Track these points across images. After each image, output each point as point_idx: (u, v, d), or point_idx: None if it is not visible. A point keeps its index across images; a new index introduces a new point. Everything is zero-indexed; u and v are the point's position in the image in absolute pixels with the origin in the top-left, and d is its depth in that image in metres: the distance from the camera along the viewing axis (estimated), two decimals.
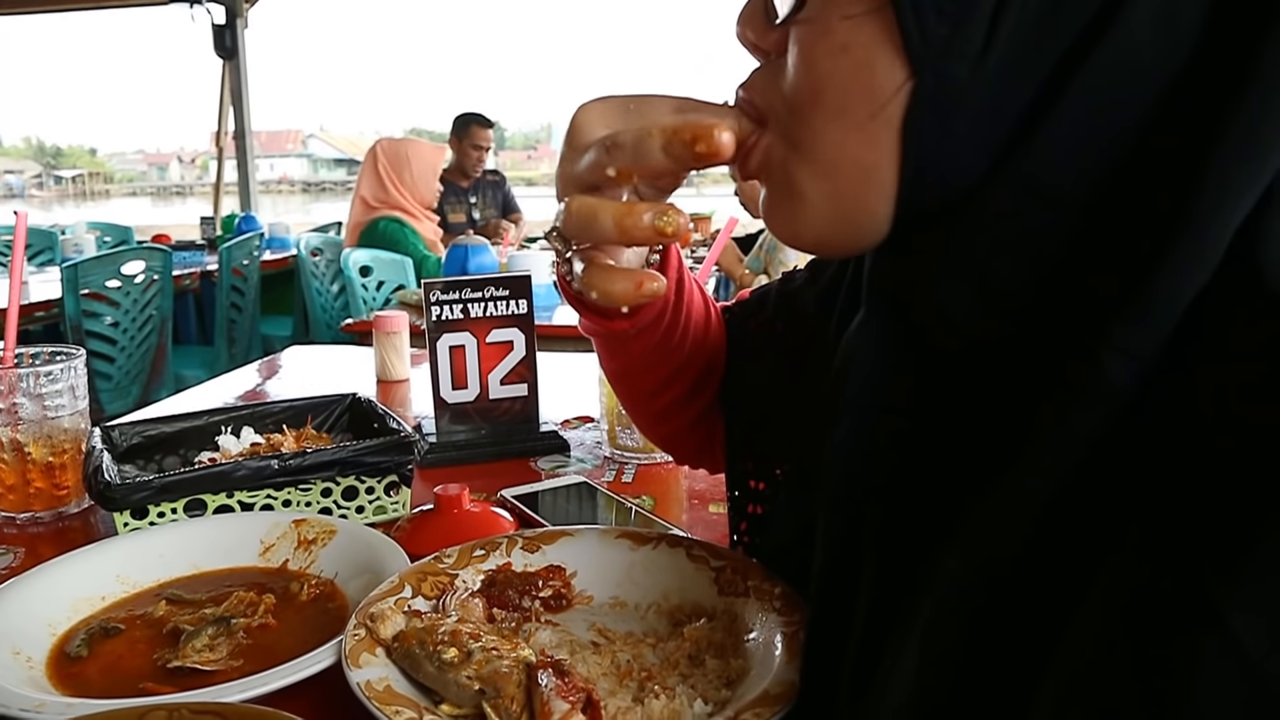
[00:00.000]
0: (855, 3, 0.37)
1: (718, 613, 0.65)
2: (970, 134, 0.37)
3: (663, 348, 0.65)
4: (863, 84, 0.38)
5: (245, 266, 3.92)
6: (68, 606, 0.68)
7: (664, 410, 0.72)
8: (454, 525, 0.79)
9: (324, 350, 1.79)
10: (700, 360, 0.68)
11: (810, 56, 0.39)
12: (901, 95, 0.37)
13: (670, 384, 0.69)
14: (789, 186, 0.43)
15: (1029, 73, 0.35)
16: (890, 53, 0.37)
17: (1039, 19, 0.35)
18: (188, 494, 0.79)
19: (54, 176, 70.04)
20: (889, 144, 0.38)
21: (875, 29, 0.37)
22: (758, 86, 0.44)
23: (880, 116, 0.38)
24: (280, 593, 0.70)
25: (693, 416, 0.72)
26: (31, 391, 0.91)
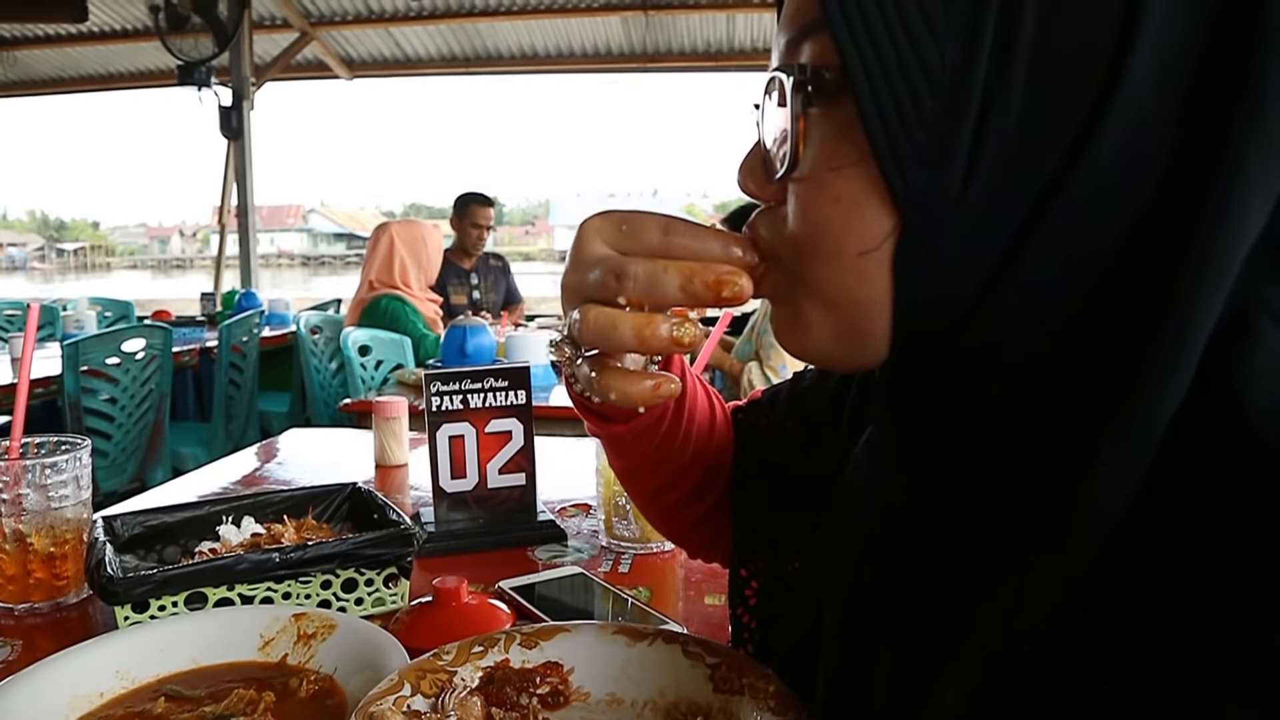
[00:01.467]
0: (841, 156, 0.40)
1: (713, 710, 0.65)
2: (956, 266, 0.40)
3: (665, 448, 0.67)
4: (855, 230, 0.41)
5: (245, 343, 3.94)
6: (65, 704, 0.68)
7: (671, 507, 0.74)
8: (452, 618, 0.80)
9: (322, 433, 1.80)
10: (705, 459, 0.70)
11: (807, 208, 0.43)
12: (891, 237, 0.40)
13: (675, 482, 0.71)
14: (795, 314, 0.46)
15: (1006, 207, 0.38)
16: (877, 200, 0.40)
17: (1012, 158, 0.37)
18: (189, 587, 0.80)
19: (56, 249, 70.68)
20: (882, 280, 0.41)
21: (863, 180, 0.40)
22: (763, 228, 0.47)
23: (872, 257, 0.40)
24: (279, 689, 0.70)
25: (701, 513, 0.74)
26: (36, 483, 0.92)
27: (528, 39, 6.68)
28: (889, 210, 0.39)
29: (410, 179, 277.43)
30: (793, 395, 0.70)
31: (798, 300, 0.45)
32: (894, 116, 0.38)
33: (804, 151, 0.42)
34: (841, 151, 0.40)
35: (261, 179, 7.12)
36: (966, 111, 0.37)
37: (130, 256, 71.64)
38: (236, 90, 6.12)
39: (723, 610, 0.91)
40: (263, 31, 6.47)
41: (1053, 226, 0.37)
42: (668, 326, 0.47)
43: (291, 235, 73.05)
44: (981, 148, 0.37)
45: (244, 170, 6.33)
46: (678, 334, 0.48)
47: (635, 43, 6.61)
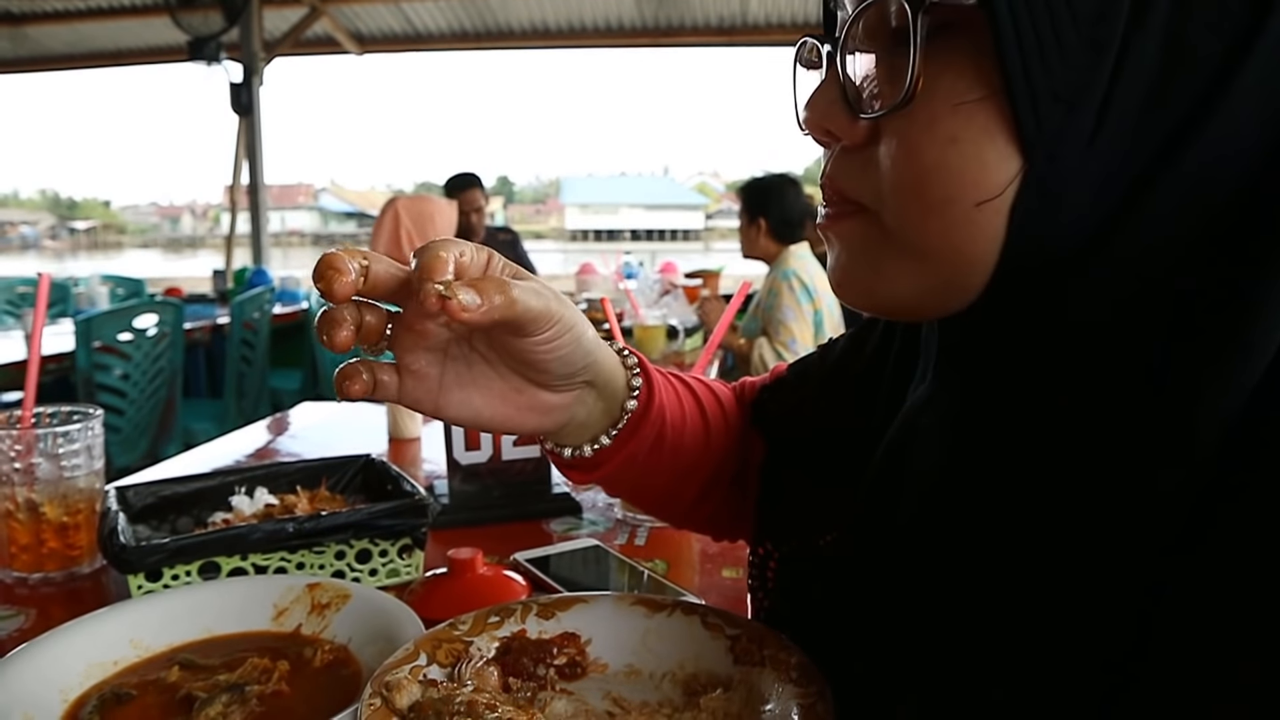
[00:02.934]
0: (965, 91, 0.37)
1: (733, 682, 0.64)
2: (1075, 215, 0.38)
3: (657, 473, 0.65)
4: (972, 174, 0.38)
5: (256, 320, 3.94)
6: (80, 671, 0.68)
7: (680, 514, 0.73)
8: (468, 589, 0.79)
9: (334, 407, 1.79)
10: (704, 467, 0.68)
11: (915, 149, 0.39)
12: (1014, 183, 0.37)
13: (680, 491, 0.69)
14: (875, 264, 0.43)
15: (1135, 152, 0.36)
16: (1003, 141, 0.37)
17: (1146, 100, 0.36)
18: (203, 557, 0.79)
19: (68, 228, 70.94)
20: (995, 229, 0.38)
21: (986, 118, 0.37)
22: (846, 179, 0.43)
23: (990, 206, 0.38)
24: (293, 658, 0.69)
25: (711, 509, 0.72)
26: (49, 451, 0.92)
27: (539, 13, 6.63)
28: (1014, 153, 0.37)
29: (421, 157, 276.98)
30: (823, 368, 0.68)
31: (881, 250, 0.42)
32: (1034, 48, 0.35)
33: (924, 83, 0.38)
34: (964, 85, 0.37)
35: (272, 157, 7.11)
36: (1109, 46, 0.35)
37: (141, 235, 71.85)
38: (246, 66, 6.10)
39: (740, 583, 0.90)
40: (272, 6, 6.43)
41: (1180, 173, 0.36)
42: None
43: (302, 214, 73.14)
44: (1117, 87, 0.35)
45: (254, 147, 6.32)
46: None
47: (647, 17, 6.55)
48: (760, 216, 3.02)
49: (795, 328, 2.87)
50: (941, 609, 0.45)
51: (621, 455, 0.61)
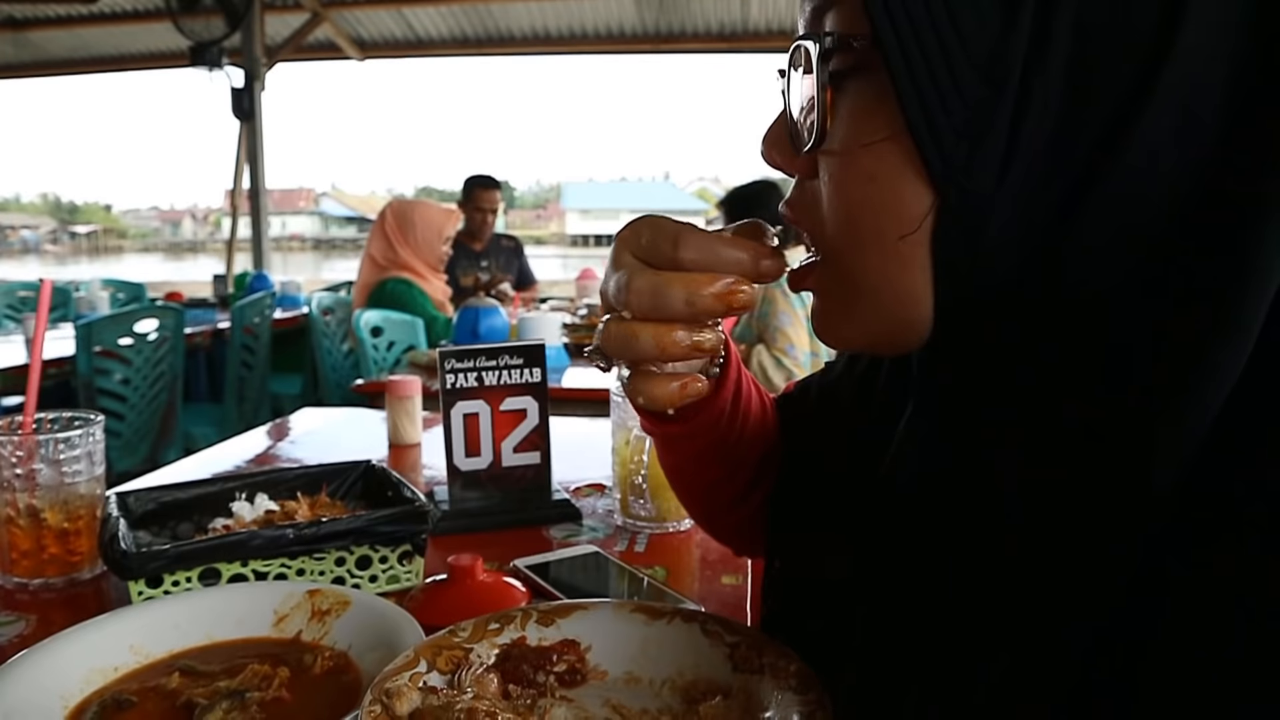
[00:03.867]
0: (873, 130, 0.38)
1: (733, 690, 0.64)
2: (1000, 242, 0.38)
3: (719, 448, 0.66)
4: (891, 210, 0.39)
5: (257, 325, 3.95)
6: (80, 677, 0.68)
7: (722, 505, 0.73)
8: (468, 596, 0.79)
9: (335, 413, 1.80)
10: (755, 456, 0.68)
11: (840, 186, 0.41)
12: (929, 215, 0.38)
13: (727, 481, 0.70)
14: (834, 302, 0.45)
15: (1052, 181, 0.36)
16: (914, 176, 0.38)
17: (1058, 127, 0.36)
18: (203, 563, 0.80)
19: (69, 232, 71.00)
20: (923, 262, 0.39)
21: (897, 155, 0.38)
22: (797, 208, 0.46)
23: (911, 239, 0.39)
24: (294, 665, 0.69)
25: (750, 510, 0.72)
26: (50, 458, 0.92)
27: (540, 19, 6.65)
28: (926, 188, 0.38)
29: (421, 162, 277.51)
30: (822, 388, 0.68)
31: (836, 290, 0.44)
32: (930, 88, 0.36)
33: (833, 125, 0.40)
34: (873, 125, 0.38)
35: (273, 162, 7.12)
36: (1008, 82, 0.35)
37: (142, 240, 71.93)
38: (248, 71, 6.11)
39: (740, 590, 0.90)
40: (274, 12, 6.46)
41: (1101, 199, 0.36)
42: (685, 334, 0.47)
43: (303, 219, 73.21)
44: (1024, 121, 0.35)
45: (255, 152, 6.33)
46: (696, 339, 0.48)
47: (648, 23, 6.57)
48: None
49: (792, 333, 2.86)
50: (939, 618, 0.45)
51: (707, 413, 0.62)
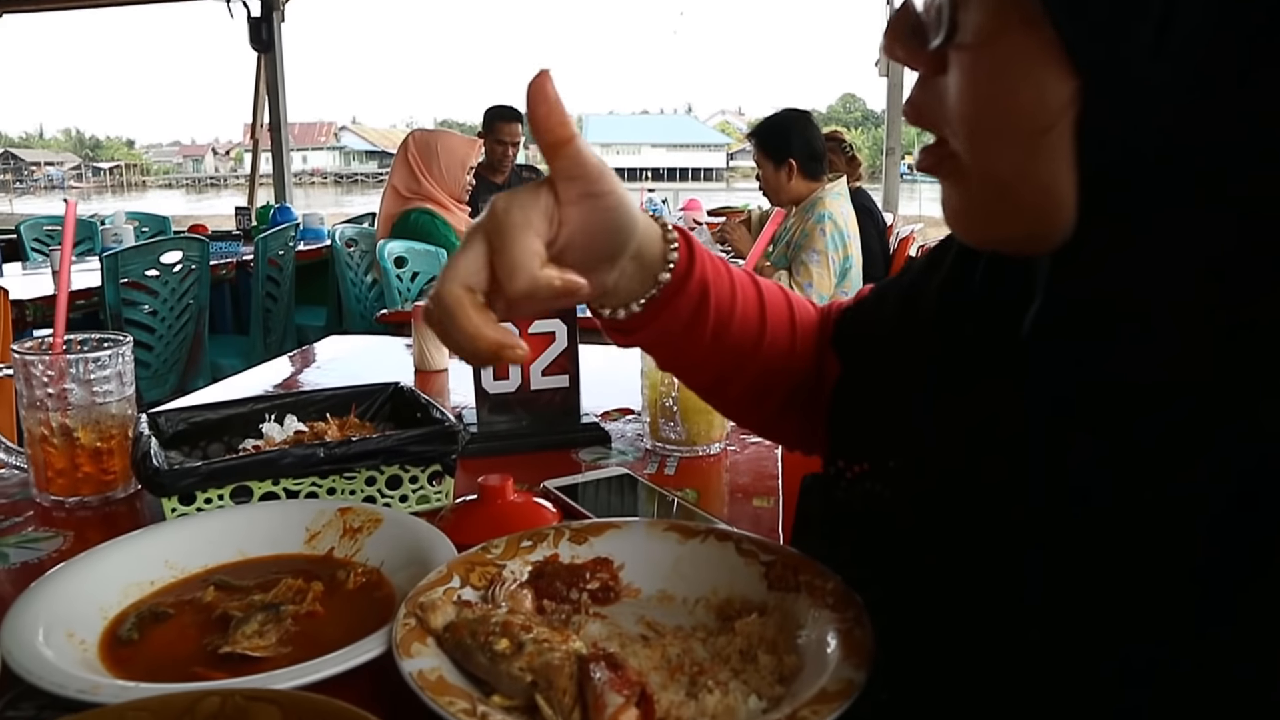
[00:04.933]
0: (1006, 18, 0.36)
1: (768, 608, 0.64)
2: (1148, 130, 0.36)
3: (692, 354, 0.65)
4: (1029, 102, 0.37)
5: (280, 257, 3.95)
6: (118, 590, 0.69)
7: (732, 404, 0.72)
8: (498, 516, 0.79)
9: (360, 340, 1.79)
10: (756, 362, 0.66)
11: (970, 79, 0.39)
12: (1074, 105, 0.36)
13: (724, 382, 0.68)
14: (969, 201, 0.42)
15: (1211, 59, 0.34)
16: (1054, 63, 0.35)
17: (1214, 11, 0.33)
18: (235, 480, 0.80)
19: (93, 168, 71.15)
20: (1065, 155, 0.37)
21: (1034, 44, 0.36)
22: (923, 105, 0.43)
23: (1053, 131, 0.37)
24: (327, 581, 0.70)
25: (771, 410, 0.71)
26: (80, 378, 0.92)
27: None
28: (1069, 75, 0.35)
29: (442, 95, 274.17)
30: (900, 289, 0.65)
31: (971, 183, 0.41)
32: None
33: (963, 15, 0.38)
34: (1006, 13, 0.36)
35: (293, 95, 7.06)
36: None
37: (165, 175, 71.99)
38: (266, 1, 6.01)
39: (771, 513, 0.89)
40: None
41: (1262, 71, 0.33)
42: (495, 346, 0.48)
43: (324, 153, 72.90)
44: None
45: (275, 84, 6.27)
46: (504, 354, 0.49)
47: None
48: (788, 157, 2.91)
49: (815, 272, 2.82)
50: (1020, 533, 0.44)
51: (656, 324, 0.61)
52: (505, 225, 0.49)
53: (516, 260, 0.48)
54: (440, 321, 0.49)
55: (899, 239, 4.39)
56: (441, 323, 0.49)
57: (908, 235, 4.72)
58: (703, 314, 0.62)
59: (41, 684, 0.54)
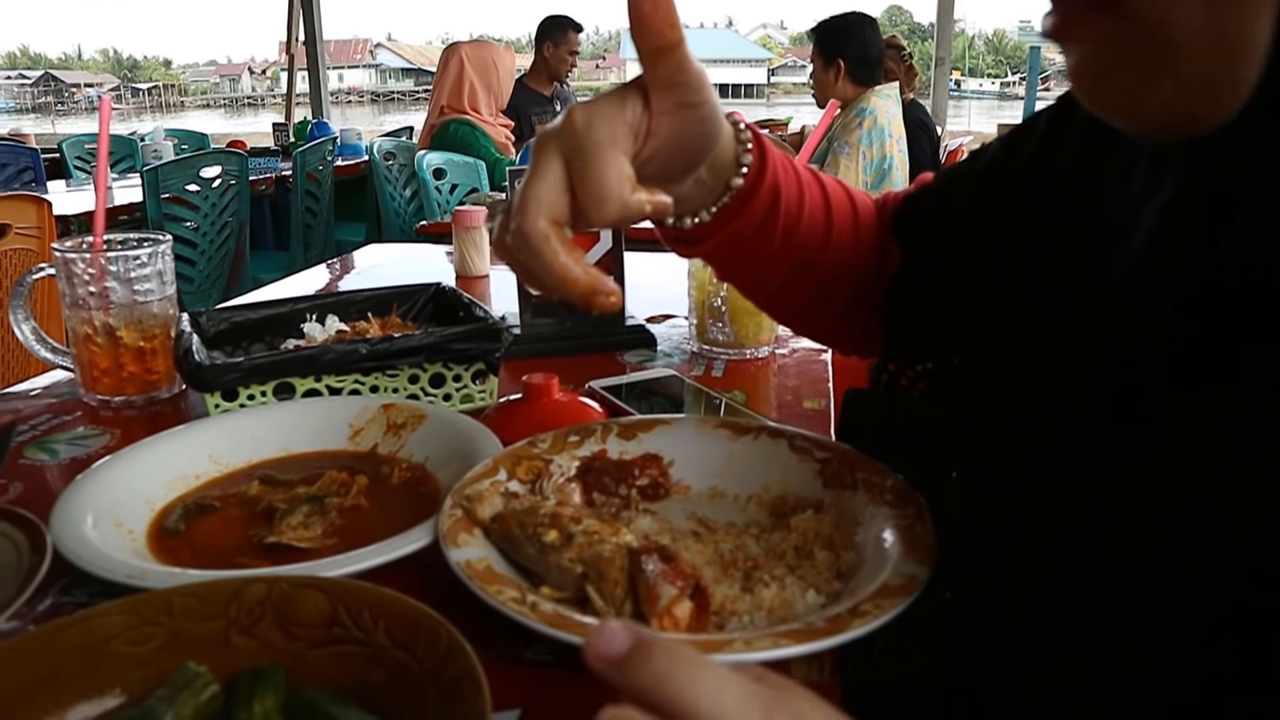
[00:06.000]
0: None
1: (824, 505, 0.62)
2: None
3: (755, 266, 0.62)
4: None
5: (319, 171, 3.93)
6: (164, 483, 0.68)
7: (795, 315, 0.69)
8: (544, 414, 0.77)
9: (400, 247, 1.78)
10: (821, 269, 0.63)
11: None
12: None
13: (784, 293, 0.65)
14: (1127, 67, 0.36)
15: None
16: None
17: None
18: (277, 377, 0.78)
19: (131, 89, 71.28)
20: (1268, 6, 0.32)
21: None
22: None
23: None
24: (371, 475, 0.69)
25: (836, 314, 0.68)
26: (121, 276, 0.91)
27: None
28: None
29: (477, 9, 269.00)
30: (974, 172, 0.61)
31: (1134, 51, 0.36)
32: None
33: None
34: None
35: (328, 11, 6.91)
36: None
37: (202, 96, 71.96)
38: None
39: (823, 415, 0.87)
40: None
41: None
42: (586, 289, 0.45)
43: (359, 72, 72.27)
44: None
45: None
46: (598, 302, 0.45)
47: None
48: (838, 58, 2.82)
49: (843, 164, 2.73)
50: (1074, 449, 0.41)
51: (724, 232, 0.58)
52: (588, 145, 0.44)
53: (605, 186, 0.44)
54: (523, 260, 0.45)
55: (947, 151, 4.27)
56: (524, 261, 0.45)
57: (956, 148, 4.58)
58: (772, 219, 0.59)
59: (91, 569, 0.53)
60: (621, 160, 0.45)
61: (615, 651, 0.26)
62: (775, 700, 0.25)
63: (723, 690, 0.25)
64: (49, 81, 68.56)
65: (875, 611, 0.47)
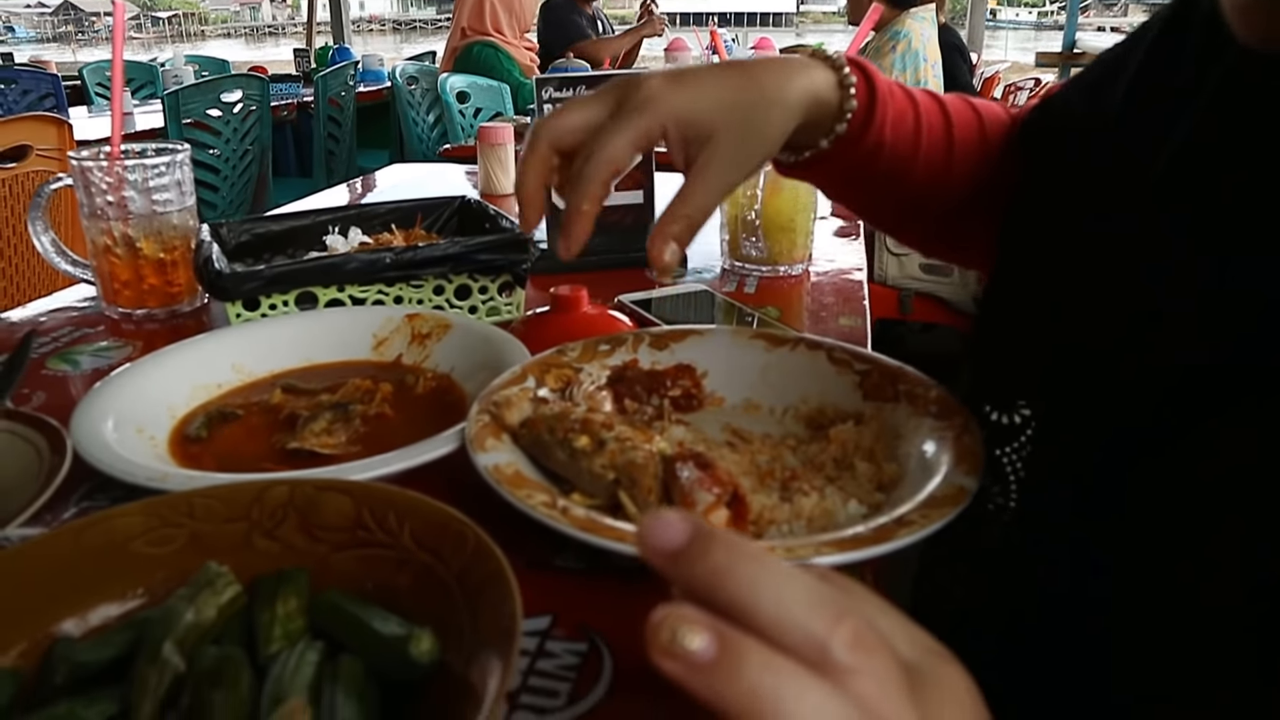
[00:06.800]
0: None
1: (864, 417, 0.59)
2: None
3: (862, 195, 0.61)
4: None
5: (342, 97, 3.87)
6: (186, 391, 0.67)
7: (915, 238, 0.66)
8: (573, 326, 0.74)
9: (423, 167, 1.74)
10: (936, 202, 0.61)
11: None
12: None
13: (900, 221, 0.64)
14: None
15: None
16: None
17: None
18: (299, 285, 0.76)
19: (151, 18, 70.58)
20: None
21: None
22: None
23: None
24: (395, 385, 0.67)
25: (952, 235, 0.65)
26: (140, 186, 0.88)
27: None
28: None
29: None
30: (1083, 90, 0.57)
31: None
32: None
33: None
34: None
35: None
36: None
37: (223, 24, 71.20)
38: None
39: (859, 333, 0.84)
40: None
41: None
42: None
43: None
44: None
45: None
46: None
47: None
48: None
49: None
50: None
51: (824, 169, 0.58)
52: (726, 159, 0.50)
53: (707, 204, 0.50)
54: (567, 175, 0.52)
55: (983, 79, 4.13)
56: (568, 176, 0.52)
57: (993, 75, 4.45)
58: (875, 163, 0.57)
59: (111, 471, 0.52)
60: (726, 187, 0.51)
61: (671, 543, 0.23)
62: (844, 603, 0.23)
63: (787, 589, 0.22)
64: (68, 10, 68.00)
65: (922, 521, 0.45)
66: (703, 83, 0.51)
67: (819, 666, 0.21)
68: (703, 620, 0.21)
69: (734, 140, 0.50)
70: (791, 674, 0.21)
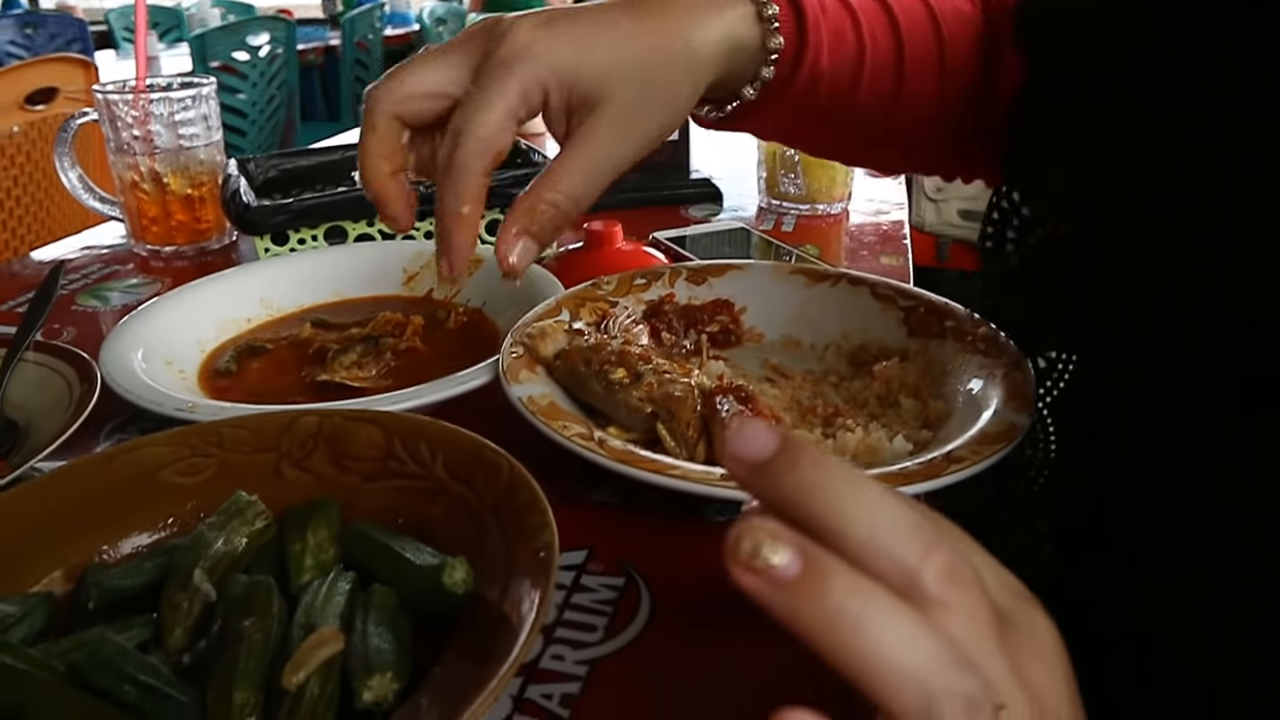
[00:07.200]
0: None
1: (909, 353, 0.57)
2: None
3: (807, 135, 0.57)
4: None
5: (369, 40, 3.83)
6: (214, 326, 0.66)
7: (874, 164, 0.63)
8: (606, 262, 0.72)
9: None
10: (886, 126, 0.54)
11: None
12: None
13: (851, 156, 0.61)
14: None
15: None
16: None
17: None
18: (328, 219, 0.75)
19: None
20: None
21: None
22: None
23: None
24: (426, 319, 0.65)
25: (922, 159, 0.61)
26: (166, 120, 0.87)
27: None
28: None
29: None
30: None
31: None
32: None
33: None
34: None
35: None
36: None
37: None
38: None
39: (901, 271, 0.81)
40: None
41: None
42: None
43: None
44: None
45: None
46: None
47: None
48: None
49: None
50: None
51: (755, 118, 0.52)
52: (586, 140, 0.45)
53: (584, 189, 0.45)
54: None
55: None
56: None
57: None
58: (813, 99, 0.51)
59: (140, 402, 0.51)
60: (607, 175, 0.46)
61: (757, 454, 0.21)
62: (935, 534, 0.21)
63: (879, 511, 0.20)
64: None
65: (973, 458, 0.43)
66: (588, 29, 0.43)
67: (907, 596, 0.20)
68: (787, 535, 0.19)
69: (628, 107, 0.43)
70: (880, 601, 0.19)
